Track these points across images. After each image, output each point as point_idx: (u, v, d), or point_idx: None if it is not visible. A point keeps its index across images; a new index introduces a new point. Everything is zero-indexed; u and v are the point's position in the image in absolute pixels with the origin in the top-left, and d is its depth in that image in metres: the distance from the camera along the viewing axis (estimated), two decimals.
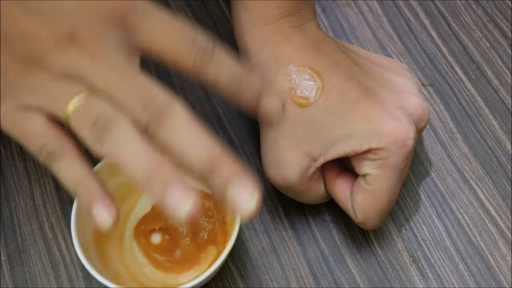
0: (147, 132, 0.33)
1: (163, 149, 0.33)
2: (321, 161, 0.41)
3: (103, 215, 0.34)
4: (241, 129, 0.49)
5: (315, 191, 0.43)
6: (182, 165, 0.33)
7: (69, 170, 0.34)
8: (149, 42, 0.35)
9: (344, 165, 0.43)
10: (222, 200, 0.33)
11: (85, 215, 0.36)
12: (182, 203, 0.32)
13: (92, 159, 0.48)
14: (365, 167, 0.40)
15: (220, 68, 0.35)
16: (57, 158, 0.34)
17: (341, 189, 0.42)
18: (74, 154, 0.34)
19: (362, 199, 0.41)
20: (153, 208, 0.45)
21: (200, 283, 0.39)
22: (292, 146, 0.40)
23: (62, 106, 0.33)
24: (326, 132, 0.40)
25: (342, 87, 0.40)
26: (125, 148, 0.32)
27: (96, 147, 0.33)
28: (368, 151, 0.40)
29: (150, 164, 0.32)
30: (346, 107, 0.40)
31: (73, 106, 0.33)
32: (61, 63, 0.33)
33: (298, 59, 0.41)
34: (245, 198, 0.33)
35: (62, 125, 0.34)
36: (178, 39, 0.34)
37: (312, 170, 0.41)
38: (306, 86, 0.41)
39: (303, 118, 0.40)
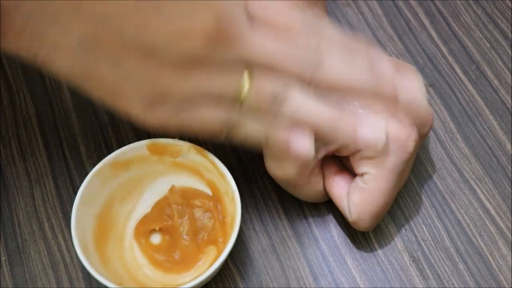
0: (311, 84, 0.37)
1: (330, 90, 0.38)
2: (322, 153, 0.41)
3: (304, 144, 0.38)
4: None
5: (314, 187, 0.43)
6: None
7: (255, 130, 0.38)
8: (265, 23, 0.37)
9: (344, 165, 0.43)
10: (395, 108, 0.39)
11: (284, 158, 0.39)
12: (376, 131, 0.39)
13: (92, 159, 0.48)
14: (364, 166, 0.40)
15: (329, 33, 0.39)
16: (241, 127, 0.38)
17: (339, 187, 0.42)
18: (251, 116, 0.37)
19: (358, 198, 0.41)
20: (153, 208, 0.45)
21: (200, 283, 0.39)
22: None
23: (230, 94, 0.36)
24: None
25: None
26: (304, 109, 0.37)
27: (276, 117, 0.37)
28: (367, 150, 0.40)
29: (330, 114, 0.38)
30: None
31: (244, 90, 0.36)
32: (216, 57, 0.35)
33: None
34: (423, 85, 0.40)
35: None
36: (291, 17, 0.38)
37: (313, 163, 0.41)
38: None
39: None
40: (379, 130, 0.39)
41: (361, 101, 0.39)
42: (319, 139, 0.39)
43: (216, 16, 0.34)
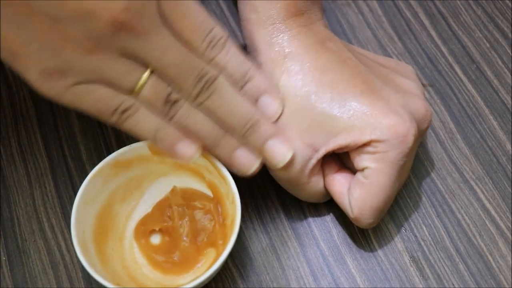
0: (196, 102, 0.39)
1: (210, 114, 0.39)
2: (322, 152, 0.41)
3: (189, 150, 0.39)
4: None
5: (314, 186, 0.43)
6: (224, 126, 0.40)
7: (146, 120, 0.38)
8: (172, 26, 0.37)
9: (344, 164, 0.43)
10: (260, 153, 0.40)
11: (169, 157, 0.41)
12: (247, 166, 0.41)
13: (92, 159, 0.48)
14: (364, 161, 0.40)
15: (228, 57, 0.39)
16: (132, 113, 0.38)
17: (339, 185, 0.42)
18: (145, 107, 0.38)
19: (359, 193, 0.41)
20: (154, 208, 0.45)
21: (199, 284, 0.39)
22: (294, 136, 0.41)
23: (127, 83, 0.37)
24: (329, 123, 0.41)
25: (347, 82, 0.41)
26: (191, 120, 0.39)
27: (166, 117, 0.38)
28: (368, 144, 0.40)
29: (213, 132, 0.39)
30: (350, 100, 0.40)
31: (141, 81, 0.37)
32: (118, 43, 0.36)
33: (305, 56, 0.42)
34: (283, 150, 0.40)
35: None
36: (196, 26, 0.38)
37: (313, 161, 0.41)
38: None
39: (306, 110, 0.41)
40: (251, 159, 0.41)
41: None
42: (315, 133, 0.41)
43: (127, 5, 0.35)
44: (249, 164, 0.41)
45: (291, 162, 0.41)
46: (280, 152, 0.40)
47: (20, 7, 0.34)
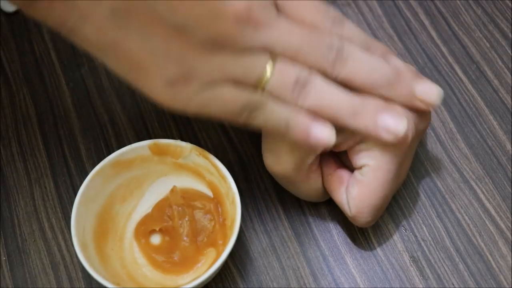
0: (333, 74, 0.38)
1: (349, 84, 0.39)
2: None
3: (326, 131, 0.38)
4: (242, 129, 0.49)
5: (312, 183, 0.43)
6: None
7: (276, 112, 0.38)
8: (291, 14, 0.38)
9: (342, 162, 0.43)
10: (412, 102, 0.40)
11: (304, 145, 0.39)
12: (397, 124, 0.39)
13: (92, 159, 0.48)
14: (362, 159, 0.40)
15: (351, 31, 0.40)
16: (262, 109, 0.37)
17: (337, 183, 0.42)
18: (273, 99, 0.37)
19: (357, 191, 0.41)
20: (154, 208, 0.45)
21: (199, 284, 0.39)
22: None
23: (253, 77, 0.37)
24: None
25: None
26: (326, 95, 0.38)
27: (298, 102, 0.37)
28: (366, 142, 0.40)
29: (352, 101, 0.38)
30: None
31: (267, 74, 0.37)
32: (243, 39, 0.36)
33: None
34: (433, 88, 0.40)
35: None
36: (315, 10, 0.39)
37: (311, 158, 0.41)
38: None
39: None
40: (400, 118, 0.39)
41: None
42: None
43: (248, 3, 0.35)
44: (398, 124, 0.39)
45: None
46: (432, 91, 0.40)
47: (144, 17, 0.34)
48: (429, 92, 0.40)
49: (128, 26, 0.34)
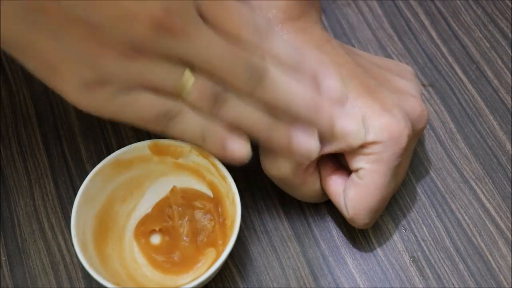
0: (249, 96, 0.37)
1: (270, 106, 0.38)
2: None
3: (239, 146, 0.38)
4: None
5: (310, 186, 0.43)
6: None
7: (193, 124, 0.37)
8: (215, 24, 0.36)
9: (340, 163, 0.43)
10: (331, 134, 0.39)
11: (221, 158, 0.40)
12: (308, 145, 0.39)
13: (92, 159, 0.48)
14: (359, 162, 0.40)
15: (278, 46, 0.38)
16: (178, 118, 0.37)
17: (335, 185, 0.42)
18: (191, 109, 0.37)
19: (354, 193, 0.41)
20: (154, 208, 0.45)
21: (199, 284, 0.39)
22: None
23: (171, 87, 0.36)
24: None
25: (344, 85, 0.41)
26: (242, 113, 0.37)
27: (216, 116, 0.37)
28: (362, 146, 0.40)
29: (267, 121, 0.38)
30: (346, 104, 0.40)
31: (187, 85, 0.36)
32: (160, 47, 0.34)
33: None
34: (354, 126, 0.39)
35: None
36: (241, 21, 0.37)
37: (307, 162, 0.41)
38: None
39: None
40: (309, 140, 0.39)
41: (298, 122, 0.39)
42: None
43: (166, 6, 0.33)
44: (311, 146, 0.39)
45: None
46: (352, 128, 0.39)
47: (56, 16, 0.33)
48: (347, 130, 0.39)
49: (41, 27, 0.33)
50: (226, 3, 0.36)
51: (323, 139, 0.40)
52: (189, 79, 0.36)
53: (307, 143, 0.39)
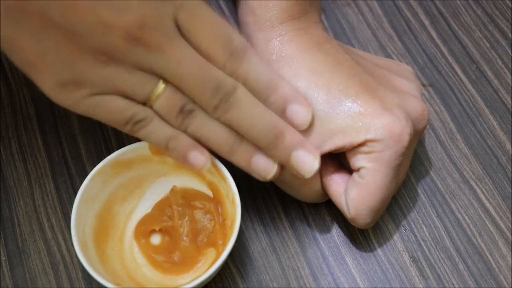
0: (214, 115, 0.38)
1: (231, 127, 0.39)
2: (318, 153, 0.41)
3: (200, 158, 0.40)
4: None
5: (311, 186, 0.43)
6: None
7: (159, 130, 0.39)
8: (190, 38, 0.37)
9: (341, 163, 0.43)
10: (287, 163, 0.40)
11: (182, 165, 0.41)
12: (267, 168, 0.40)
13: (92, 159, 0.48)
14: (360, 161, 0.40)
15: (250, 68, 0.39)
16: (145, 124, 0.38)
17: (336, 185, 0.42)
18: (159, 117, 0.39)
19: (355, 193, 0.41)
20: (154, 208, 0.45)
21: (199, 284, 0.39)
22: None
23: (141, 95, 0.37)
24: (324, 125, 0.41)
25: (344, 83, 0.41)
26: (206, 130, 0.39)
27: (180, 127, 0.39)
28: (363, 144, 0.40)
29: (230, 139, 0.39)
30: (346, 101, 0.40)
31: (155, 94, 0.37)
32: (133, 57, 0.36)
33: (302, 59, 0.42)
34: (310, 160, 0.40)
35: None
36: (215, 37, 0.38)
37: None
38: None
39: None
40: (270, 163, 0.40)
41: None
42: (311, 135, 0.40)
43: (142, 18, 0.35)
44: (268, 169, 0.40)
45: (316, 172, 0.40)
46: (307, 162, 0.40)
47: (37, 19, 0.34)
48: (302, 164, 0.40)
49: (22, 26, 0.35)
50: (204, 19, 0.37)
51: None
52: (159, 89, 0.37)
53: (265, 166, 0.40)
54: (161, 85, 0.37)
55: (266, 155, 0.40)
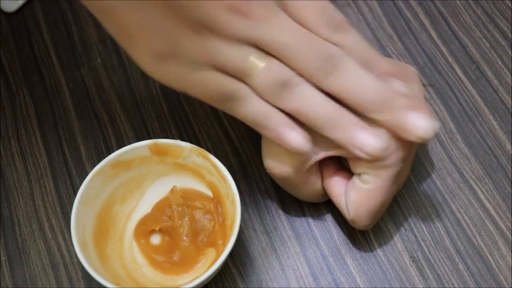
0: (322, 85, 0.37)
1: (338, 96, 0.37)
2: (321, 155, 0.41)
3: (299, 139, 0.38)
4: (241, 129, 0.49)
5: (312, 186, 0.43)
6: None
7: (256, 107, 0.37)
8: (292, 13, 0.37)
9: (342, 164, 0.43)
10: (399, 132, 0.38)
11: (279, 144, 0.39)
12: (373, 144, 0.38)
13: (92, 159, 0.48)
14: (361, 167, 0.40)
15: (353, 42, 0.38)
16: (242, 101, 0.37)
17: (337, 186, 0.42)
18: (254, 94, 0.37)
19: (355, 196, 0.41)
20: (154, 208, 0.45)
21: (199, 284, 0.39)
22: None
23: (242, 69, 0.36)
24: None
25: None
26: (309, 103, 0.37)
27: (279, 103, 0.37)
28: None
29: (333, 113, 0.37)
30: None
31: (255, 69, 0.36)
32: (235, 29, 0.35)
33: None
34: (425, 122, 0.37)
35: None
36: (319, 11, 0.37)
37: (310, 163, 0.41)
38: None
39: None
40: (376, 138, 0.38)
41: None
42: (317, 137, 0.39)
43: None
44: (375, 142, 0.38)
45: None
46: (423, 124, 0.37)
47: None
48: (419, 125, 0.37)
49: None
50: None
51: (394, 133, 0.39)
52: (259, 62, 0.36)
53: (373, 138, 0.38)
54: (263, 59, 0.36)
55: (370, 129, 0.38)
